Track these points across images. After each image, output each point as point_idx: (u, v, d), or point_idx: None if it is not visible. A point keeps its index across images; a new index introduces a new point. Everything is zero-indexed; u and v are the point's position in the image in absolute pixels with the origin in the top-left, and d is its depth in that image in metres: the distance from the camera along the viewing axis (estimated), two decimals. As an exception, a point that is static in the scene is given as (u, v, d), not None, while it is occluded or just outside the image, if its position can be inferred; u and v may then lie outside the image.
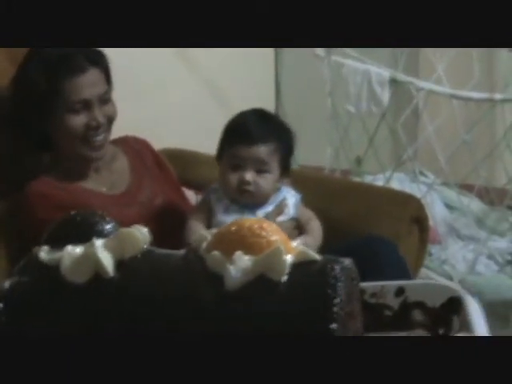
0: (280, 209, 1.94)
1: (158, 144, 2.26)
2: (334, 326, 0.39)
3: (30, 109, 1.93)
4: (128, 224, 1.94)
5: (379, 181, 2.87)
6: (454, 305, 0.48)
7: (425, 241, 2.26)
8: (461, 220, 3.06)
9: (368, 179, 2.95)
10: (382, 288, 0.47)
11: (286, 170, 1.96)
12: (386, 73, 2.77)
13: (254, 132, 1.90)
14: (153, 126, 2.32)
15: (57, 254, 0.44)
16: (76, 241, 0.44)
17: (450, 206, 3.13)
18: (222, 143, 1.95)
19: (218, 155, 1.96)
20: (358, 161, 2.90)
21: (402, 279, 1.95)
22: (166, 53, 2.57)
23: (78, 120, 1.90)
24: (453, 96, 2.76)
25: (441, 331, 0.48)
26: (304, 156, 2.91)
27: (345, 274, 0.40)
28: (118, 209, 1.96)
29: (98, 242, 0.43)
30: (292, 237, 1.91)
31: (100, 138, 1.94)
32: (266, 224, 0.42)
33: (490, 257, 2.87)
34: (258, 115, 1.99)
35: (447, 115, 2.94)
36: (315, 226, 2.00)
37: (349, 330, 0.40)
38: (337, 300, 0.39)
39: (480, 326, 0.44)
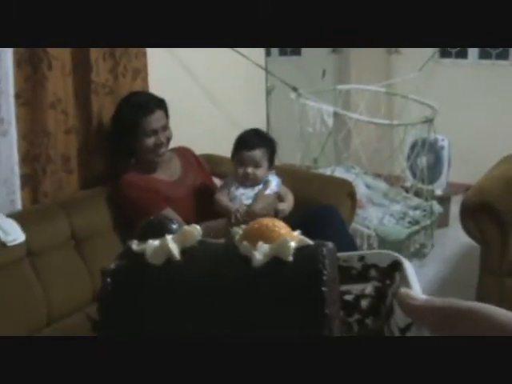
0: (266, 186, 1.95)
1: (196, 150, 2.22)
2: (324, 289, 0.37)
3: (122, 134, 1.94)
4: (181, 197, 1.96)
5: (328, 172, 2.85)
6: (396, 265, 0.46)
7: (354, 207, 2.25)
8: (374, 194, 3.05)
9: (321, 171, 2.93)
10: (350, 256, 0.45)
11: (271, 164, 1.98)
12: (330, 108, 2.74)
13: (252, 141, 1.93)
14: (192, 140, 2.28)
15: (142, 246, 0.42)
16: (154, 236, 0.43)
17: (368, 186, 3.12)
18: (234, 149, 1.96)
19: (232, 156, 1.97)
20: (315, 160, 2.88)
21: (343, 232, 1.94)
22: (201, 100, 2.53)
23: (150, 141, 1.90)
24: (369, 122, 2.75)
25: (387, 282, 0.46)
26: (284, 157, 2.90)
27: (329, 253, 0.38)
28: (174, 189, 1.97)
29: (169, 237, 0.41)
30: (275, 203, 1.93)
31: (162, 150, 1.94)
32: (277, 222, 0.41)
33: (391, 215, 2.87)
34: (255, 132, 2.00)
35: (367, 133, 2.92)
36: (290, 198, 2.02)
37: (333, 290, 0.38)
38: (325, 271, 0.38)
39: (414, 282, 0.42)
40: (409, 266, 0.46)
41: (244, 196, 1.92)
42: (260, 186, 1.94)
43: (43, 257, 1.73)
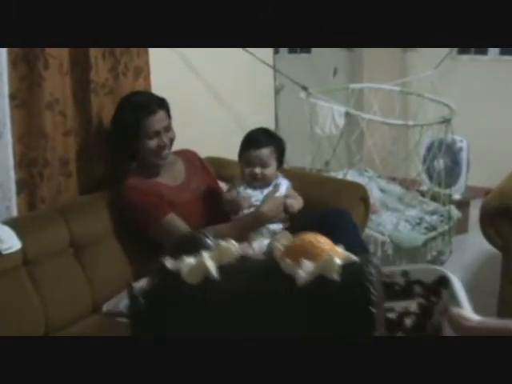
0: (276, 189, 1.91)
1: (201, 153, 2.19)
2: (373, 310, 0.35)
3: (124, 136, 1.91)
4: (185, 202, 1.93)
5: (339, 175, 2.80)
6: (443, 281, 0.43)
7: (367, 212, 2.21)
8: (389, 198, 3.00)
9: (333, 174, 2.88)
10: (392, 272, 0.43)
11: (280, 163, 1.96)
12: (342, 109, 2.70)
13: (258, 140, 1.91)
14: (197, 142, 2.24)
15: (177, 264, 0.39)
16: (189, 253, 0.40)
17: (382, 190, 3.08)
18: (241, 148, 1.93)
19: (239, 156, 1.95)
20: (326, 163, 2.83)
21: (355, 236, 1.90)
22: (207, 100, 2.50)
23: (153, 143, 1.87)
24: (383, 123, 2.71)
25: (433, 299, 0.44)
26: (293, 160, 2.86)
27: (376, 271, 0.36)
28: (179, 193, 1.95)
29: (205, 254, 0.38)
30: (283, 206, 1.89)
31: (165, 152, 1.91)
32: (321, 238, 0.39)
33: (407, 221, 2.81)
34: (263, 130, 1.98)
35: (380, 134, 2.88)
36: (299, 199, 1.98)
37: (381, 310, 0.36)
38: (374, 292, 0.35)
39: (463, 299, 0.40)
40: (456, 282, 0.43)
41: (253, 198, 1.89)
42: (269, 188, 1.91)
43: (40, 265, 1.70)
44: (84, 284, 1.78)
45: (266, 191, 1.91)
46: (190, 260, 0.40)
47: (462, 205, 3.13)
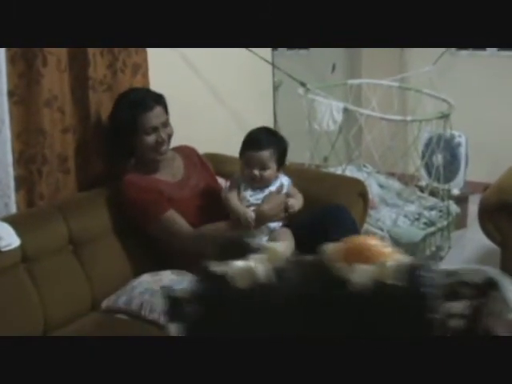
0: (279, 190, 1.91)
1: (199, 149, 2.20)
2: (432, 315, 0.35)
3: (122, 133, 1.92)
4: (184, 198, 1.94)
5: (338, 171, 2.82)
6: (492, 283, 0.43)
7: (366, 207, 2.23)
8: (387, 194, 3.02)
9: (331, 170, 2.90)
10: (439, 272, 0.42)
11: (281, 165, 1.93)
12: (341, 104, 2.72)
13: (259, 141, 1.89)
14: (195, 138, 2.26)
15: (224, 267, 0.38)
16: (236, 257, 0.39)
17: (381, 186, 3.09)
18: (242, 148, 1.92)
19: (240, 155, 1.93)
20: (325, 159, 2.85)
21: (354, 232, 1.92)
22: (205, 96, 2.52)
23: (151, 139, 1.89)
24: (382, 118, 2.73)
25: (482, 301, 0.43)
26: (292, 156, 2.87)
27: (432, 274, 0.36)
28: (177, 190, 1.97)
29: (254, 258, 0.38)
30: (284, 202, 1.89)
31: (164, 148, 1.93)
32: (372, 240, 0.38)
33: (405, 216, 2.83)
34: (264, 131, 1.95)
35: (378, 130, 2.89)
36: (300, 197, 1.98)
37: (438, 313, 0.35)
38: (431, 296, 0.35)
39: None
40: (508, 284, 0.42)
41: (253, 198, 1.89)
42: (269, 188, 1.91)
43: (39, 263, 1.71)
44: (83, 281, 1.80)
45: (266, 191, 1.91)
46: (238, 264, 0.39)
47: (461, 200, 3.15)
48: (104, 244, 1.88)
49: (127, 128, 1.89)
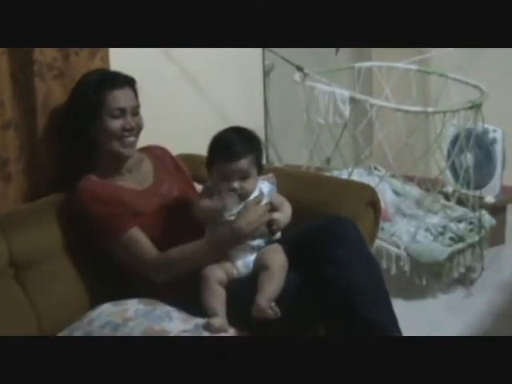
0: (259, 199, 1.88)
1: (174, 150, 2.22)
2: None
3: (81, 114, 1.93)
4: (152, 210, 1.95)
5: (343, 175, 2.84)
6: None
7: (377, 219, 2.22)
8: (405, 202, 3.04)
9: (335, 174, 2.92)
10: None
11: (261, 169, 1.92)
12: (346, 93, 2.74)
13: (236, 150, 1.84)
14: (169, 136, 2.27)
15: None
16: None
17: (396, 192, 3.11)
18: (212, 158, 1.89)
19: (208, 165, 1.90)
20: (328, 160, 2.87)
21: (361, 250, 1.92)
22: (180, 84, 2.53)
23: (117, 123, 1.91)
24: (397, 109, 2.75)
25: None
26: (287, 157, 2.89)
27: None
28: (145, 200, 1.97)
29: None
30: (267, 215, 1.88)
31: (131, 139, 1.94)
32: None
33: (427, 230, 2.85)
34: (237, 135, 1.90)
35: (393, 124, 2.92)
36: (287, 208, 1.95)
37: None
38: None
39: None
40: None
41: (234, 209, 1.88)
42: (251, 197, 1.90)
43: (-28, 290, 1.71)
44: (27, 312, 1.79)
45: (248, 200, 1.90)
46: None
47: (497, 210, 3.16)
48: (53, 267, 1.88)
49: (88, 109, 1.89)
